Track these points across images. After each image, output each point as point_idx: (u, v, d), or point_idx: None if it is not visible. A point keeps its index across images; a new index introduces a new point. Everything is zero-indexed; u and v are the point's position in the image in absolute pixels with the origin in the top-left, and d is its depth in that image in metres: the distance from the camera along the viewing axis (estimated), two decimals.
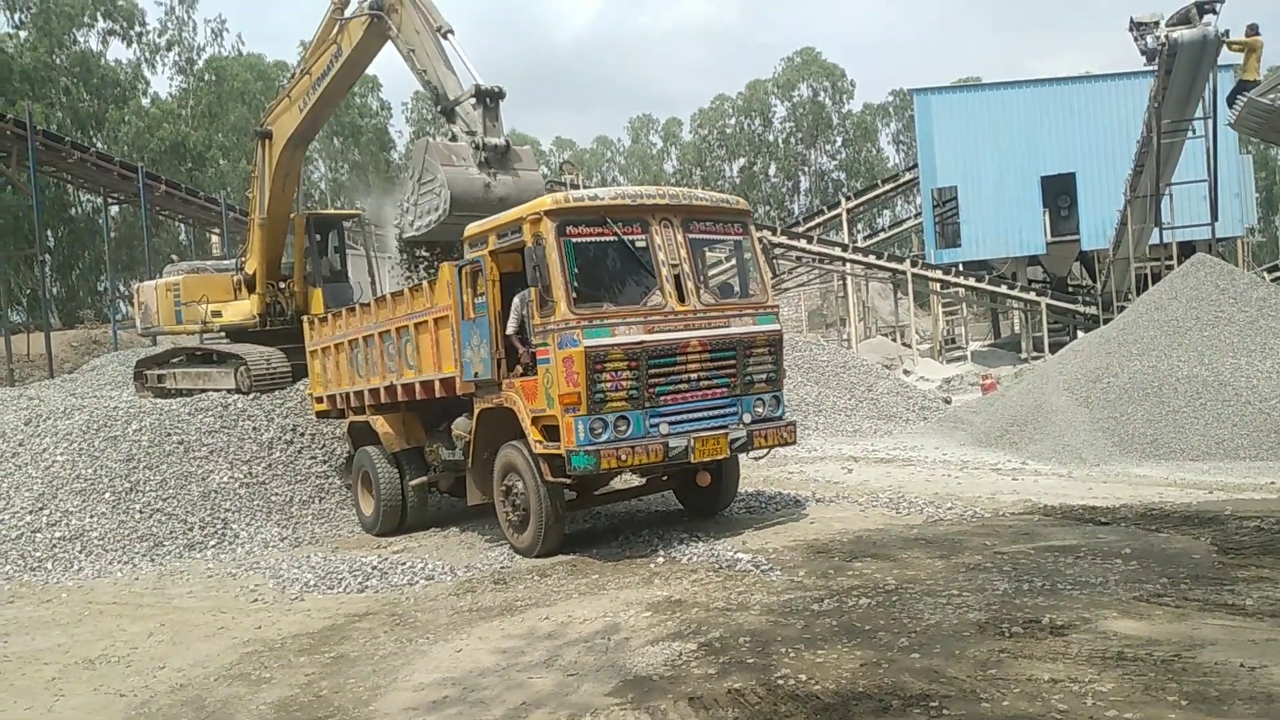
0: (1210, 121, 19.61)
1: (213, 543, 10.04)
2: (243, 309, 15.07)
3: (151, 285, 16.74)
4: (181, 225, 40.58)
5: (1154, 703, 4.06)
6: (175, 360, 15.98)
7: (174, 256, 29.08)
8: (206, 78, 53.58)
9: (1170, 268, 18.56)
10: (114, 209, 37.85)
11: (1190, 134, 20.48)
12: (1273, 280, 27.58)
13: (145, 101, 50.98)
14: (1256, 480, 9.95)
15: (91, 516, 10.04)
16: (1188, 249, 20.91)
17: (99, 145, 40.90)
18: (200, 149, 49.63)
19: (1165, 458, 11.38)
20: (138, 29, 50.97)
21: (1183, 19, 17.90)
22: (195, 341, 15.68)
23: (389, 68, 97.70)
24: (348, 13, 11.85)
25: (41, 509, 10.07)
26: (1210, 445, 11.35)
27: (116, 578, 9.10)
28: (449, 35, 10.63)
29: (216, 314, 15.14)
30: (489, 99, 10.07)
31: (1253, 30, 17.09)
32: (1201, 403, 11.85)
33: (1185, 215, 21.94)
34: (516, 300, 8.25)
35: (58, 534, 9.76)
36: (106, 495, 10.35)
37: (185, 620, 7.42)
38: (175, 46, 53.66)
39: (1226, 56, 18.48)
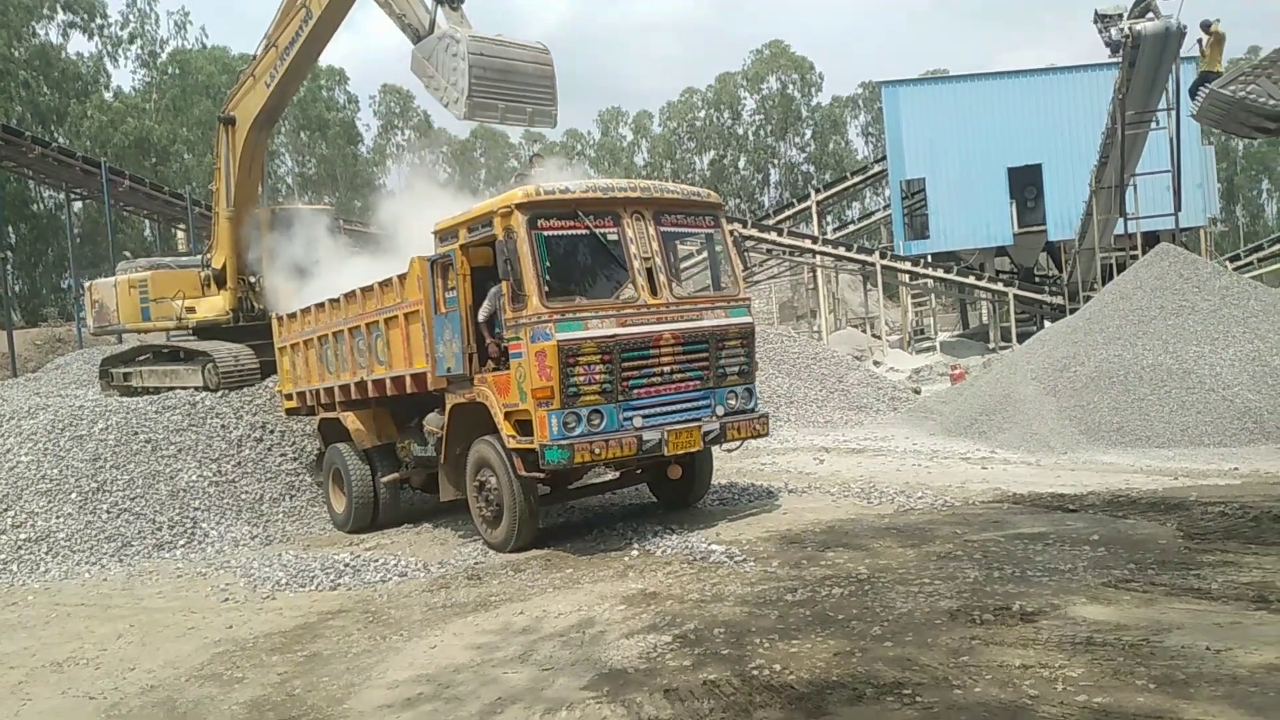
0: (1173, 113, 19.89)
1: (182, 542, 9.94)
2: (215, 305, 14.87)
3: (110, 282, 16.37)
4: (146, 221, 40.00)
5: (1123, 686, 4.12)
6: (142, 358, 15.76)
7: (126, 253, 28.20)
8: (170, 71, 52.94)
9: (1135, 258, 18.80)
10: (77, 205, 37.24)
11: (1154, 125, 20.77)
12: (1235, 269, 28.02)
13: (108, 95, 50.25)
14: (1220, 466, 10.12)
15: (57, 517, 9.90)
16: (1152, 239, 21.19)
17: (60, 140, 40.27)
18: (165, 143, 49.07)
19: (1131, 445, 11.54)
20: (99, 21, 50.25)
21: (1145, 11, 18.14)
22: (162, 339, 15.45)
23: (354, 59, 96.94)
24: None
25: (5, 510, 9.92)
26: (1175, 432, 11.52)
27: (84, 579, 8.98)
28: None
29: (191, 310, 14.93)
30: (450, 1, 10.31)
31: (1209, 25, 17.32)
32: (1166, 390, 12.02)
33: (1149, 206, 22.27)
34: (492, 290, 8.20)
35: (23, 535, 9.62)
36: (73, 495, 10.21)
37: (155, 621, 7.34)
38: (138, 39, 52.93)
39: (1189, 48, 18.73)
